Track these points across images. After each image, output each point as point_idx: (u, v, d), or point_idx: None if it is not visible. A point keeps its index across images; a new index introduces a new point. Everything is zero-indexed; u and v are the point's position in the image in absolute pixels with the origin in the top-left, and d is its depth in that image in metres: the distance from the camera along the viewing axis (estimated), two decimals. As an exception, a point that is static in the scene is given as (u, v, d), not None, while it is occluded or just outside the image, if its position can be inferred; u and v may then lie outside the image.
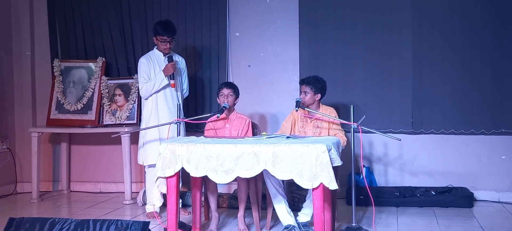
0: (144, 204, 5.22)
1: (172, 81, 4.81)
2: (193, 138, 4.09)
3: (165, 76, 4.77)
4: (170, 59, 4.80)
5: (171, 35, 4.86)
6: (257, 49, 5.77)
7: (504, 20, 5.24)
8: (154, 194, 4.74)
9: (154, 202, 4.79)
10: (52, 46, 6.19)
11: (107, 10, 5.99)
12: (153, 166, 4.84)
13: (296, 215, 4.23)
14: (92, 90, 5.89)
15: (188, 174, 3.77)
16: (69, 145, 6.17)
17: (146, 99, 4.89)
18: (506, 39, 5.24)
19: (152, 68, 4.87)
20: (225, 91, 4.46)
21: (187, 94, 5.21)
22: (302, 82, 4.48)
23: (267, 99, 5.75)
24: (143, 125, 4.93)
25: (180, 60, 5.05)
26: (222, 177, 3.60)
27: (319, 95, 4.46)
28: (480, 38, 5.28)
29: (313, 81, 4.43)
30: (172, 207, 3.82)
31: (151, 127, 4.78)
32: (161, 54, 4.92)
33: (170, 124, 4.51)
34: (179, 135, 4.47)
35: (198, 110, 5.75)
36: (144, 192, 5.34)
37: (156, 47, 4.96)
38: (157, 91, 4.84)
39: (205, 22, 5.78)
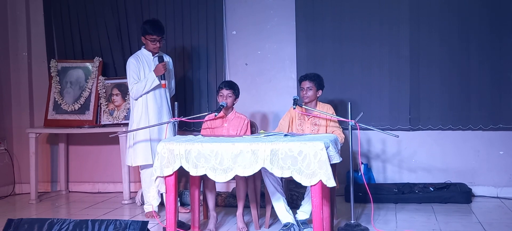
0: (143, 203, 5.21)
1: (163, 82, 4.76)
2: (191, 137, 4.09)
3: (156, 77, 4.74)
4: (161, 59, 4.75)
5: (160, 34, 4.82)
6: (254, 48, 5.77)
7: (502, 16, 5.25)
8: (151, 193, 4.73)
9: (150, 202, 4.78)
10: (49, 46, 6.17)
11: (103, 9, 5.98)
12: (146, 166, 4.84)
13: (294, 213, 4.23)
14: (89, 90, 5.88)
15: (184, 173, 3.76)
16: (67, 145, 6.17)
17: (136, 99, 4.86)
18: (503, 35, 5.25)
19: (141, 68, 4.82)
20: (225, 92, 4.43)
21: (173, 93, 5.19)
22: (305, 78, 4.45)
23: (265, 97, 5.74)
24: (134, 126, 4.87)
25: (168, 60, 5.00)
26: (220, 176, 3.60)
27: (321, 91, 4.46)
28: (477, 34, 5.29)
29: (315, 77, 4.43)
30: (170, 207, 3.81)
31: (148, 127, 4.75)
32: (150, 53, 4.87)
33: (168, 122, 4.50)
34: (175, 135, 4.46)
35: (195, 109, 5.74)
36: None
37: (143, 46, 4.92)
38: (148, 92, 4.81)
39: (201, 21, 5.77)
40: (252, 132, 4.55)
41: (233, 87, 4.47)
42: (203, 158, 3.63)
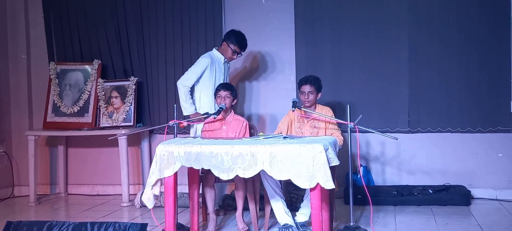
0: (142, 206, 5.21)
1: (185, 123, 4.66)
2: (190, 139, 4.09)
3: (186, 119, 4.71)
4: (208, 114, 4.58)
5: (244, 51, 5.00)
6: (253, 50, 5.77)
7: (500, 19, 5.26)
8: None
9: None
10: (48, 49, 6.18)
11: (102, 12, 5.98)
12: None
13: (294, 215, 4.23)
14: (88, 93, 5.89)
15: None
16: (66, 147, 6.16)
17: (185, 86, 4.79)
18: (502, 37, 5.26)
19: (213, 71, 4.84)
20: (223, 93, 4.44)
21: None
22: (305, 82, 4.43)
23: (264, 100, 5.75)
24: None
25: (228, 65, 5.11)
26: (222, 174, 3.61)
27: (320, 93, 4.47)
28: (476, 37, 5.30)
29: (315, 81, 4.43)
30: (169, 208, 3.81)
31: (149, 128, 4.76)
32: (222, 57, 4.93)
33: (167, 125, 4.50)
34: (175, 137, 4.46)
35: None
36: (142, 193, 5.32)
37: (216, 48, 4.99)
38: (181, 103, 4.79)
39: (201, 24, 5.78)
40: (251, 134, 4.55)
41: (230, 88, 4.49)
42: (203, 160, 3.63)
